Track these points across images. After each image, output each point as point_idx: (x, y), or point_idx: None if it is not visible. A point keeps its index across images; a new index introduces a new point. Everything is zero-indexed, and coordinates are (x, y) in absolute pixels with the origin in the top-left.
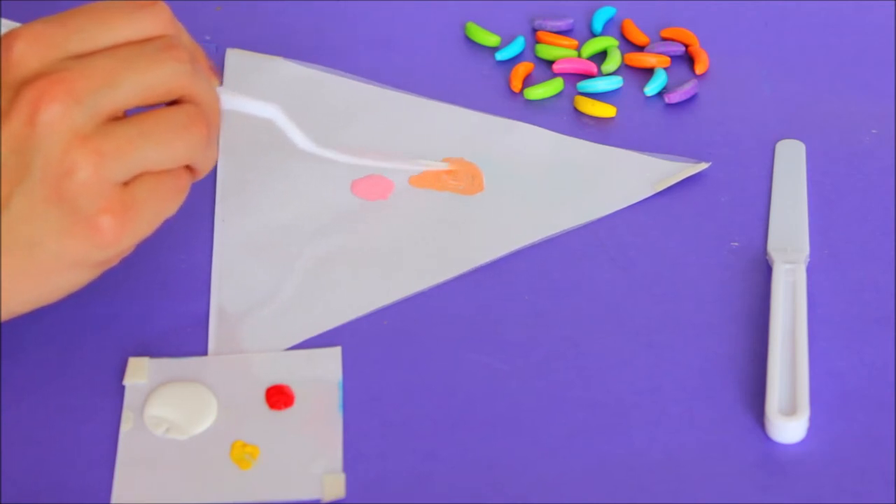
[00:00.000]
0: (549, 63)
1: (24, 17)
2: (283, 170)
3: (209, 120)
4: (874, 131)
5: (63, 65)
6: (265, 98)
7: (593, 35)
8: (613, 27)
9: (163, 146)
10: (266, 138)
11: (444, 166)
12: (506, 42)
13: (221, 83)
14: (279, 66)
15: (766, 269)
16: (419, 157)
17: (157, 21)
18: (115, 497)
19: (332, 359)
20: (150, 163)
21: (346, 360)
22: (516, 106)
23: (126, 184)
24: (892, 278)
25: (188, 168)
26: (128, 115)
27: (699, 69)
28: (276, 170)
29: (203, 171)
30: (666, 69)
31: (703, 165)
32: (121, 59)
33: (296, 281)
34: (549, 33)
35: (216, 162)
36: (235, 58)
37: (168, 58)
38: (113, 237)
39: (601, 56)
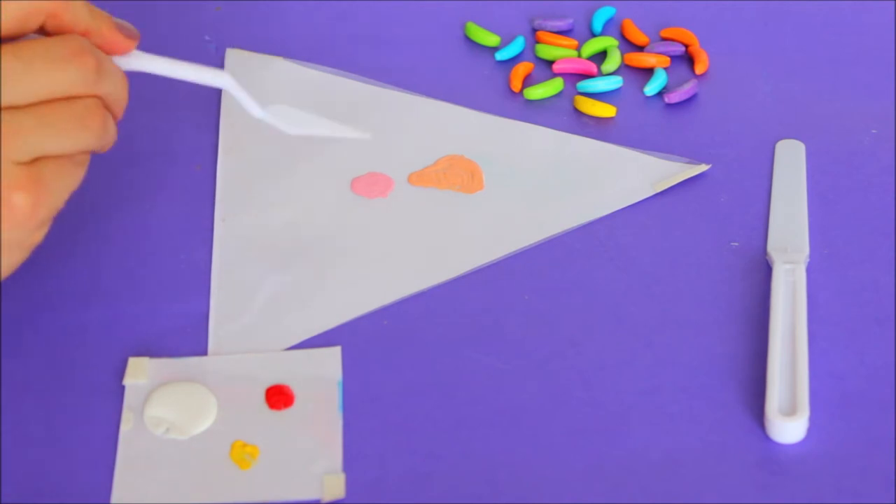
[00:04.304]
0: (549, 63)
1: None
2: (283, 168)
3: (112, 111)
4: (874, 131)
5: None
6: (264, 97)
7: (593, 35)
8: (613, 27)
9: (60, 136)
10: (266, 137)
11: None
12: (506, 42)
13: (137, 41)
14: (279, 66)
15: (766, 269)
16: (417, 155)
17: None
18: (115, 497)
19: (332, 358)
20: (48, 149)
21: (346, 360)
22: (516, 106)
23: (28, 164)
24: (892, 278)
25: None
26: None
27: (699, 69)
28: (275, 169)
29: (102, 151)
30: (666, 69)
31: (704, 167)
32: (21, 58)
33: (296, 280)
34: (549, 33)
35: (114, 141)
36: (235, 58)
37: (72, 64)
38: (28, 212)
39: (601, 56)
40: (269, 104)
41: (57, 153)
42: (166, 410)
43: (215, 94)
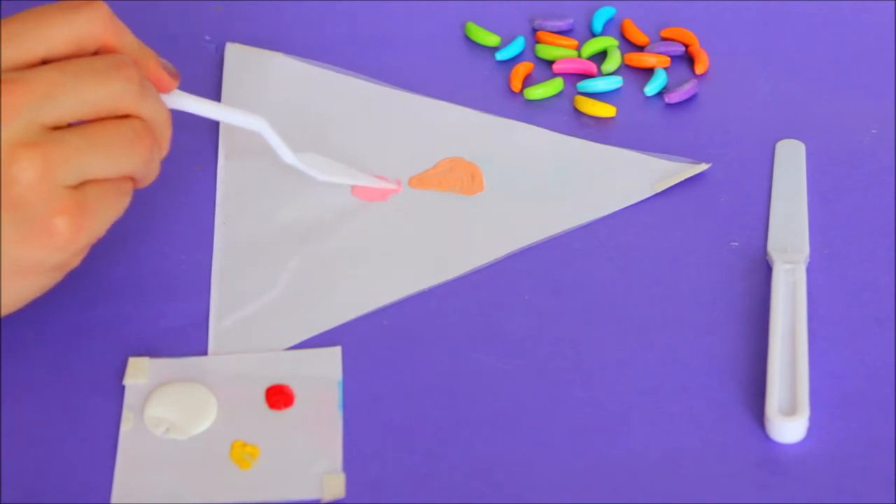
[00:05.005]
0: (549, 63)
1: None
2: (284, 171)
3: (156, 137)
4: (874, 131)
5: (6, 76)
6: (256, 106)
7: (593, 35)
8: (613, 27)
9: (107, 158)
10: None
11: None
12: (506, 42)
13: (178, 81)
14: (279, 61)
15: (766, 269)
16: (418, 157)
17: (94, 21)
18: (115, 497)
19: (332, 358)
20: (95, 171)
21: (346, 360)
22: (516, 106)
23: (74, 188)
24: (892, 278)
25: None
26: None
27: (699, 69)
28: (276, 171)
29: (144, 183)
30: (666, 69)
31: (704, 166)
32: (67, 72)
33: (296, 281)
34: (549, 33)
35: (157, 174)
36: (235, 52)
37: (116, 77)
38: (69, 237)
39: (601, 56)
40: (274, 111)
41: (103, 176)
42: (166, 410)
43: (215, 96)
